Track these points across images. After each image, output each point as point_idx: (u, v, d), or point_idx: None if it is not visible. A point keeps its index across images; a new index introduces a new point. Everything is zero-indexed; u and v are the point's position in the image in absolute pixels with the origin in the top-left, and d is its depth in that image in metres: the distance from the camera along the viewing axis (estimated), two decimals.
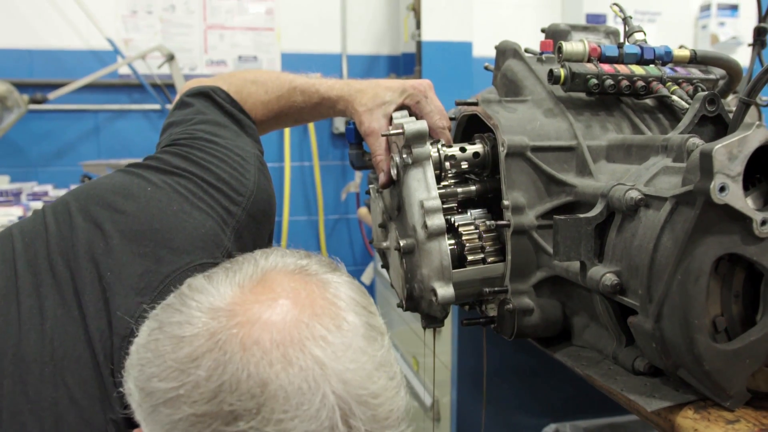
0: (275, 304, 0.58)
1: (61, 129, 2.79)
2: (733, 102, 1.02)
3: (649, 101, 0.94)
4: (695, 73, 0.93)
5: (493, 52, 1.06)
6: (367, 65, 3.04)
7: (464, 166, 0.90)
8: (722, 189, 0.58)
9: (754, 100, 0.73)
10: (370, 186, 1.02)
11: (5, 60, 2.71)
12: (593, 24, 1.07)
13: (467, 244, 0.86)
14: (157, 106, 2.83)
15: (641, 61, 0.92)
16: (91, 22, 2.68)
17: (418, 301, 0.87)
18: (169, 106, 1.65)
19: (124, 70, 2.76)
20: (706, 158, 0.58)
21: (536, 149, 0.85)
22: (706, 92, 0.77)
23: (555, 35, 1.05)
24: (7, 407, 0.66)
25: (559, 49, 0.91)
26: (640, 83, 0.89)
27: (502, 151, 0.84)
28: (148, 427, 0.58)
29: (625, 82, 0.89)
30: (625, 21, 0.99)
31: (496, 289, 0.85)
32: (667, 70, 0.92)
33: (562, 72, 0.88)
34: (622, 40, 1.04)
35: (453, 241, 0.87)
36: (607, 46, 0.92)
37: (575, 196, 0.82)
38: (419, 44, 2.68)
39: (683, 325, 0.63)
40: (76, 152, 2.80)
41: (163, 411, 0.56)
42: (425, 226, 0.81)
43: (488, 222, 0.87)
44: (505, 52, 1.04)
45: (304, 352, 0.56)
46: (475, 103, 0.93)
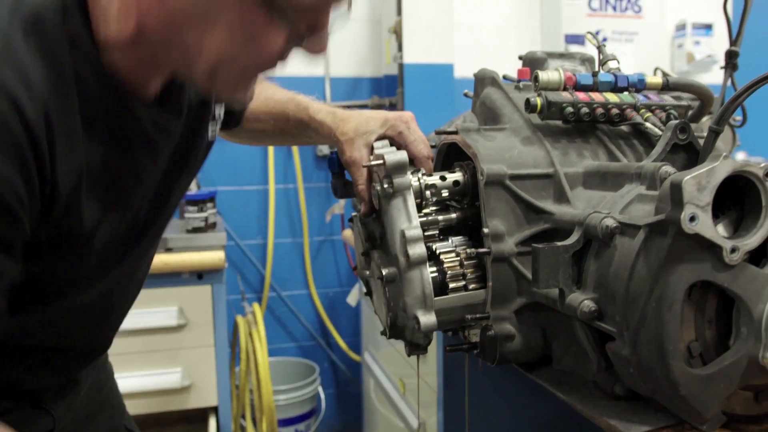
0: None
1: None
2: (707, 124, 1.05)
3: (624, 127, 0.96)
4: (667, 99, 0.96)
5: (472, 72, 1.08)
6: (351, 87, 3.07)
7: (444, 194, 0.92)
8: (692, 219, 0.60)
9: (723, 129, 0.75)
10: (353, 215, 1.03)
11: None
12: (569, 51, 1.10)
13: (449, 272, 0.87)
14: None
15: (615, 88, 0.95)
16: None
17: (401, 329, 0.87)
18: None
19: None
20: (676, 189, 0.60)
21: (514, 177, 0.87)
22: (678, 121, 0.79)
23: (532, 63, 1.07)
24: None
25: (536, 78, 0.93)
26: (615, 111, 0.91)
27: (481, 179, 0.86)
28: None
29: (600, 110, 0.91)
30: (599, 49, 1.01)
31: (478, 315, 0.86)
32: (640, 98, 0.94)
33: (539, 101, 0.90)
34: (596, 67, 1.06)
35: (434, 269, 0.88)
36: (582, 74, 0.94)
37: (553, 223, 0.84)
38: (401, 66, 2.70)
39: (659, 351, 0.64)
40: None
41: None
42: (407, 255, 0.83)
43: (469, 249, 0.88)
44: (484, 80, 1.06)
45: None
46: (455, 132, 0.94)
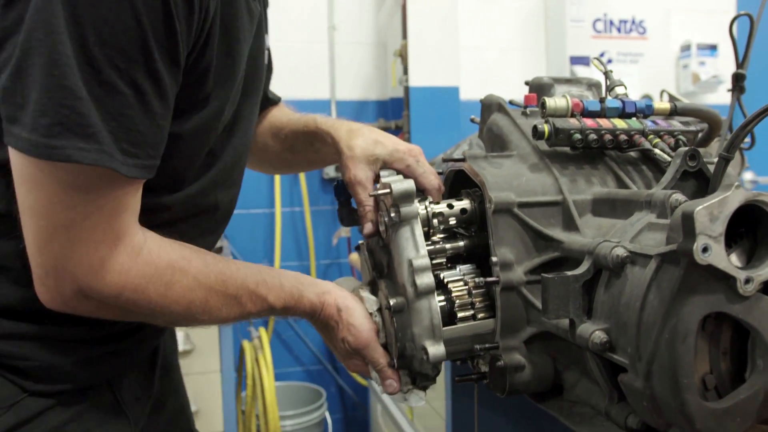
0: None
1: None
2: (716, 147, 1.04)
3: (633, 153, 0.96)
4: (676, 125, 0.95)
5: (479, 96, 1.08)
6: (356, 110, 3.08)
7: (452, 222, 0.91)
8: (705, 250, 0.59)
9: (733, 156, 0.74)
10: (360, 243, 1.02)
11: None
12: (576, 77, 1.09)
13: (457, 301, 0.86)
14: None
15: (623, 114, 0.94)
16: None
17: (409, 359, 0.86)
18: None
19: None
20: (688, 219, 0.59)
21: (523, 205, 0.86)
22: (687, 148, 0.79)
23: (539, 89, 1.07)
24: None
25: (543, 105, 0.93)
26: (623, 137, 0.91)
27: (489, 207, 0.85)
28: None
29: (608, 136, 0.90)
30: (606, 75, 1.01)
31: (487, 345, 0.85)
32: (648, 123, 0.93)
33: (546, 128, 0.90)
34: (603, 92, 1.06)
35: (442, 298, 0.87)
36: (589, 101, 0.94)
37: (562, 251, 0.83)
38: (407, 89, 2.72)
39: (673, 385, 0.63)
40: None
41: None
42: (414, 284, 0.82)
43: (477, 278, 0.87)
44: (490, 106, 1.06)
45: None
46: (463, 159, 0.94)
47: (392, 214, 0.85)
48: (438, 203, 0.91)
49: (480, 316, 0.86)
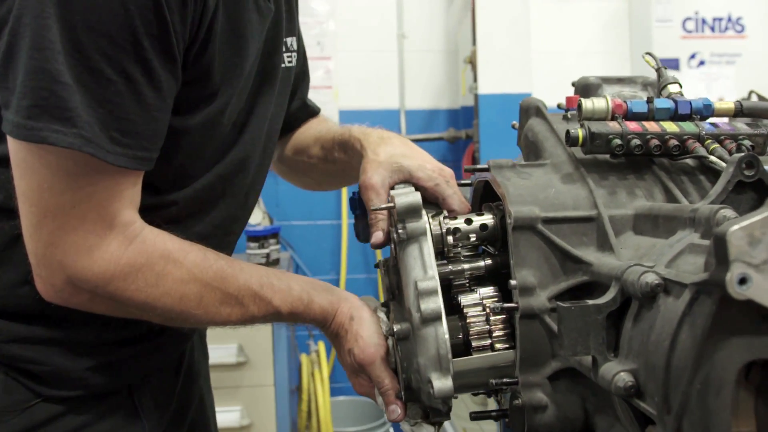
0: None
1: None
2: None
3: (690, 162, 0.83)
4: (741, 128, 0.81)
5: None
6: (426, 119, 3.00)
7: (472, 239, 0.81)
8: (743, 281, 0.47)
9: None
10: (379, 260, 0.94)
11: None
12: (629, 76, 0.97)
13: (472, 329, 0.76)
14: None
15: (676, 116, 0.81)
16: None
17: (417, 392, 0.77)
18: None
19: None
20: (720, 243, 0.47)
21: (549, 221, 0.75)
22: (742, 154, 0.66)
23: (584, 90, 0.95)
24: None
25: (579, 107, 0.82)
26: (673, 142, 0.78)
27: (510, 223, 0.75)
28: None
29: (655, 142, 0.78)
30: (659, 71, 0.88)
31: (505, 380, 0.74)
32: (706, 126, 0.80)
33: (581, 132, 0.79)
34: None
35: (459, 324, 0.77)
36: (634, 101, 0.82)
37: (591, 275, 0.71)
38: (476, 97, 2.61)
39: None
40: None
41: None
42: (419, 309, 0.73)
43: (496, 303, 0.77)
44: (528, 109, 0.96)
45: None
46: (486, 169, 0.84)
47: (399, 231, 0.77)
48: (455, 218, 0.81)
49: (499, 346, 0.76)
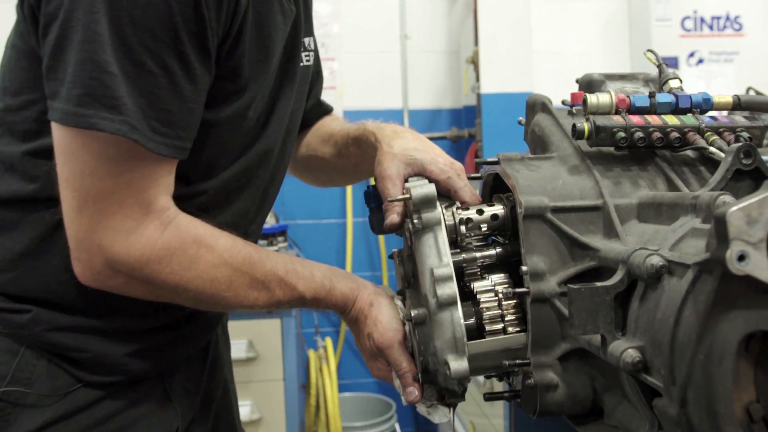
0: None
1: None
2: None
3: (690, 153, 0.86)
4: (739, 120, 0.85)
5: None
6: (429, 119, 3.04)
7: (483, 228, 0.85)
8: (741, 258, 0.51)
9: None
10: (393, 251, 0.98)
11: None
12: (631, 72, 1.01)
13: (485, 313, 0.80)
14: None
15: (676, 110, 0.85)
16: None
17: (433, 375, 0.81)
18: None
19: None
20: (721, 223, 0.51)
21: (557, 210, 0.79)
22: (741, 143, 0.70)
23: (588, 86, 0.99)
24: None
25: (584, 102, 0.86)
26: (674, 134, 0.82)
27: (520, 212, 0.79)
28: None
29: (657, 134, 0.82)
30: (660, 68, 0.92)
31: (517, 362, 0.78)
32: (705, 119, 0.84)
33: (586, 126, 0.83)
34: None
35: (472, 309, 0.81)
36: (637, 96, 0.86)
37: (599, 260, 0.75)
38: (479, 96, 2.65)
39: (709, 414, 0.55)
40: None
41: None
42: (435, 295, 0.77)
43: (508, 289, 0.81)
44: (534, 105, 1.00)
45: None
46: (496, 162, 0.88)
47: (415, 221, 0.81)
48: (467, 209, 0.85)
49: (511, 329, 0.80)
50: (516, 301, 0.81)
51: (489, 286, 0.82)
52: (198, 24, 0.75)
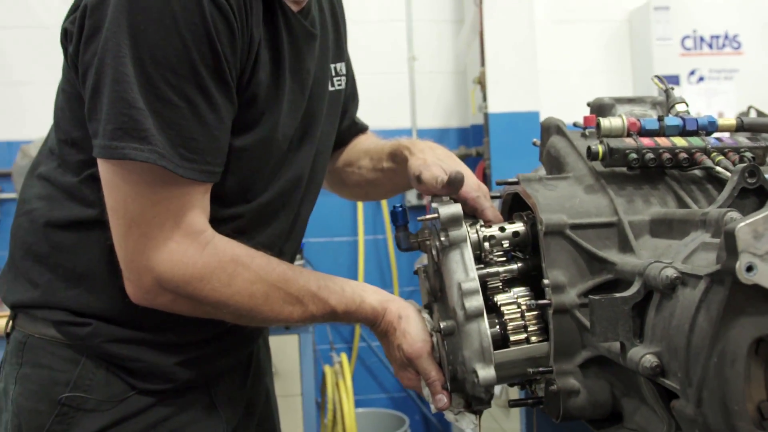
0: None
1: None
2: None
3: (698, 172, 0.92)
4: (742, 141, 0.91)
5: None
6: (437, 138, 3.09)
7: (505, 245, 0.91)
8: (749, 269, 0.56)
9: None
10: (417, 267, 1.04)
11: None
12: (639, 96, 1.07)
13: (509, 324, 0.86)
14: None
15: (684, 132, 0.91)
16: None
17: (461, 383, 0.86)
18: None
19: None
20: (730, 237, 0.57)
21: (575, 227, 0.85)
22: (745, 164, 0.75)
23: (599, 109, 1.05)
24: None
25: (598, 125, 0.92)
26: (683, 155, 0.88)
27: (541, 229, 0.84)
28: None
29: (667, 155, 0.88)
30: (667, 93, 0.98)
31: (541, 369, 0.83)
32: (711, 140, 0.90)
33: (600, 148, 0.89)
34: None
35: (496, 321, 0.87)
36: (646, 119, 0.92)
37: (616, 273, 0.81)
38: (486, 116, 2.72)
39: (723, 412, 0.60)
40: None
41: None
42: (464, 307, 0.82)
43: (530, 301, 0.86)
44: (549, 128, 1.06)
45: None
46: (516, 182, 0.94)
47: (442, 238, 0.86)
48: (490, 227, 0.91)
49: (533, 339, 0.85)
50: (538, 312, 0.86)
51: (512, 299, 0.88)
52: (214, 59, 0.82)
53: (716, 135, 0.93)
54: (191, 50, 0.80)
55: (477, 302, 0.82)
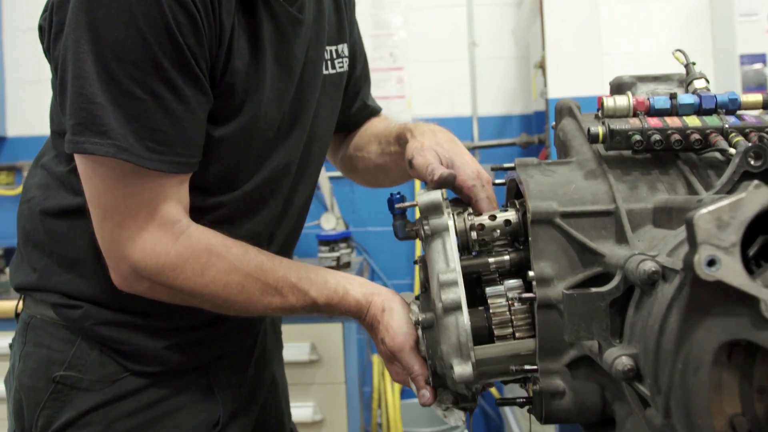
0: None
1: None
2: None
3: (719, 155, 0.83)
4: None
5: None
6: (499, 126, 3.01)
7: (496, 234, 0.85)
8: (711, 263, 0.49)
9: None
10: (418, 257, 0.99)
11: None
12: (665, 74, 0.98)
13: (494, 318, 0.80)
14: None
15: (700, 111, 0.82)
16: None
17: (442, 378, 0.82)
18: None
19: None
20: (689, 227, 0.50)
21: (567, 215, 0.78)
22: (751, 144, 0.66)
23: (618, 89, 0.97)
24: None
25: (601, 105, 0.84)
26: (695, 136, 0.79)
27: (528, 217, 0.78)
28: None
29: (676, 137, 0.79)
30: (687, 67, 0.89)
31: (525, 367, 0.78)
32: (731, 119, 0.80)
33: (600, 130, 0.81)
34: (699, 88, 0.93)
35: (485, 315, 0.82)
36: (657, 97, 0.84)
37: (604, 266, 0.74)
38: (547, 102, 2.60)
39: (688, 426, 0.53)
40: None
41: None
42: (441, 299, 0.78)
43: (517, 294, 0.81)
44: (562, 110, 0.99)
45: None
46: (512, 167, 0.88)
47: (425, 227, 0.82)
48: (480, 215, 0.86)
49: (519, 335, 0.79)
50: (525, 306, 0.80)
51: (501, 291, 0.82)
52: (176, 51, 0.81)
53: (739, 113, 0.83)
54: (151, 44, 0.80)
55: (454, 294, 0.77)
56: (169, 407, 0.98)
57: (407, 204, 0.84)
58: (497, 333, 0.80)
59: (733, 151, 0.77)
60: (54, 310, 0.96)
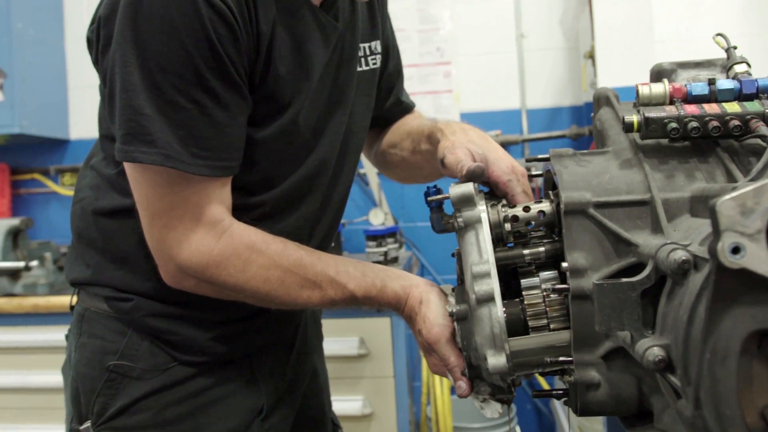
0: None
1: None
2: None
3: (761, 142, 0.80)
4: None
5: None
6: (549, 118, 2.97)
7: (531, 226, 0.85)
8: (736, 250, 0.48)
9: None
10: (456, 249, 1.00)
11: None
12: (708, 59, 0.95)
13: (529, 310, 0.80)
14: None
15: (740, 96, 0.80)
16: None
17: (477, 369, 0.82)
18: None
19: None
20: (713, 214, 0.49)
21: (601, 205, 0.78)
22: None
23: (658, 76, 0.95)
24: None
25: (637, 93, 0.83)
26: (734, 122, 0.77)
27: (561, 208, 0.78)
28: None
29: (714, 123, 0.77)
30: (728, 52, 0.87)
31: (560, 359, 0.77)
32: None
33: (635, 119, 0.80)
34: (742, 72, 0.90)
35: (520, 306, 0.82)
36: (695, 84, 0.82)
37: (638, 257, 0.73)
38: None
39: (717, 417, 0.52)
40: None
41: None
42: (474, 291, 0.78)
43: (552, 285, 0.80)
44: (599, 99, 0.97)
45: None
46: (547, 158, 0.87)
47: (459, 219, 0.83)
48: (514, 206, 0.86)
49: (554, 326, 0.79)
50: (560, 297, 0.80)
51: (536, 283, 0.82)
52: (217, 61, 0.85)
53: None
54: (194, 56, 0.83)
55: (487, 286, 0.78)
56: (216, 395, 1.02)
57: (440, 197, 0.85)
58: (532, 324, 0.80)
59: None
60: (107, 302, 1.01)
